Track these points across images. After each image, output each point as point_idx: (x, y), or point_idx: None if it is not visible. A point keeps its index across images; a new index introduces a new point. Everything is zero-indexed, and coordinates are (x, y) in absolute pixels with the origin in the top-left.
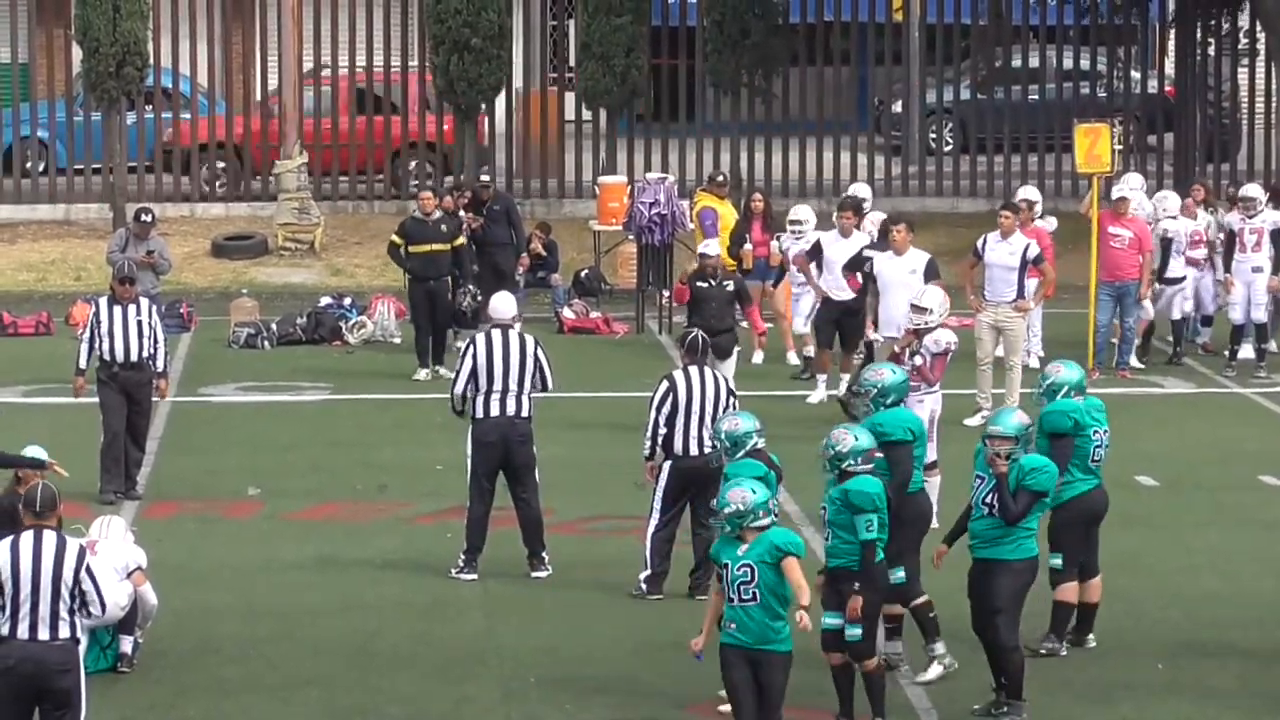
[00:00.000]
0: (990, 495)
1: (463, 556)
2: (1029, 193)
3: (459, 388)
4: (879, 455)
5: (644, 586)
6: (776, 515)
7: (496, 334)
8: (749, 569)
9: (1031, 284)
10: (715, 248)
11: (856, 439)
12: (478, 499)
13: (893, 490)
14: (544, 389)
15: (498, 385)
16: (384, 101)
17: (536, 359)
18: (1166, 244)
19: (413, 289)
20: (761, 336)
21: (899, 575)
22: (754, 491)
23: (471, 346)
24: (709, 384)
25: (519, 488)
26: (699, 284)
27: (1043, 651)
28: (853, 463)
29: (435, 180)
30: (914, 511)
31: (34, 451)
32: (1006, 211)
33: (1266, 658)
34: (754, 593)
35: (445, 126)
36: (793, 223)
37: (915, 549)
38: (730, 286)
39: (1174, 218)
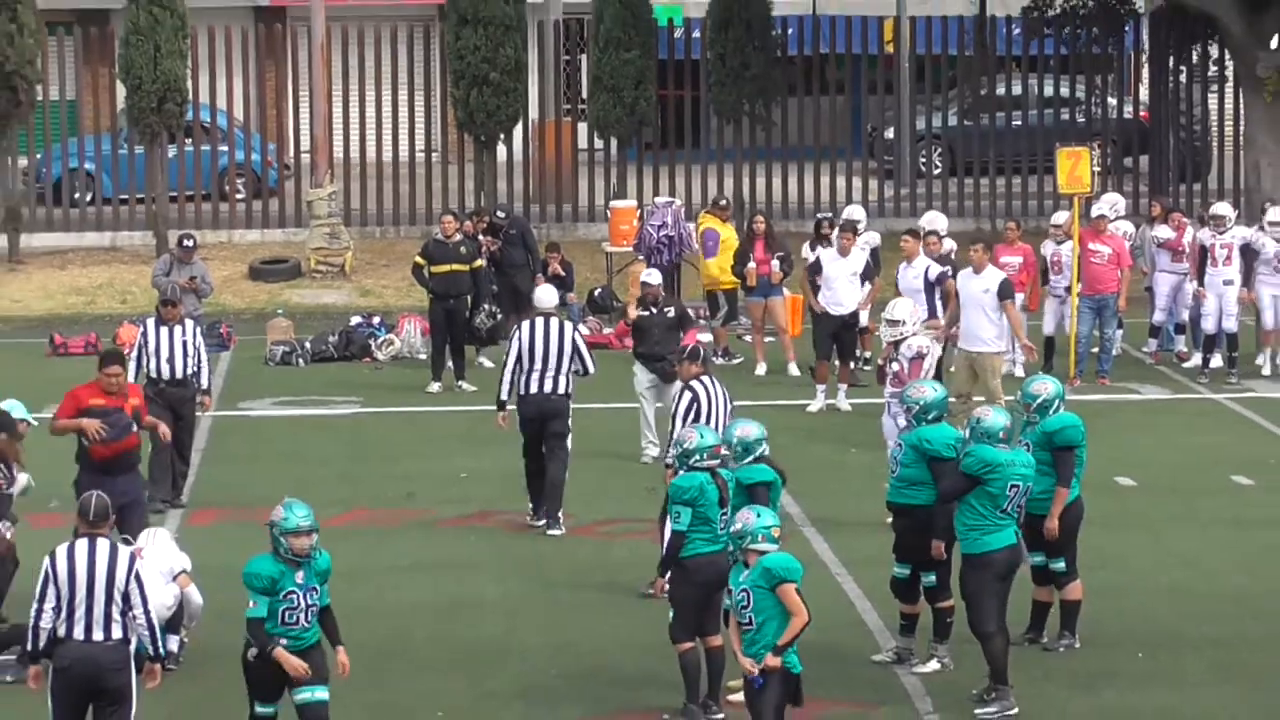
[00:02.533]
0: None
1: (530, 507)
2: (934, 220)
3: (508, 374)
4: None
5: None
6: (779, 540)
7: (540, 321)
8: (746, 594)
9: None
10: (656, 276)
11: (935, 390)
12: (531, 461)
13: (938, 503)
14: (585, 373)
15: (538, 366)
16: None
17: (574, 344)
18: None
19: (433, 307)
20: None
21: (929, 580)
22: (758, 515)
23: (517, 332)
24: (719, 393)
25: (549, 453)
26: (641, 313)
27: (1060, 649)
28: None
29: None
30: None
31: (11, 406)
32: (907, 236)
33: (1237, 646)
34: (750, 617)
35: None
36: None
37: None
38: (671, 313)
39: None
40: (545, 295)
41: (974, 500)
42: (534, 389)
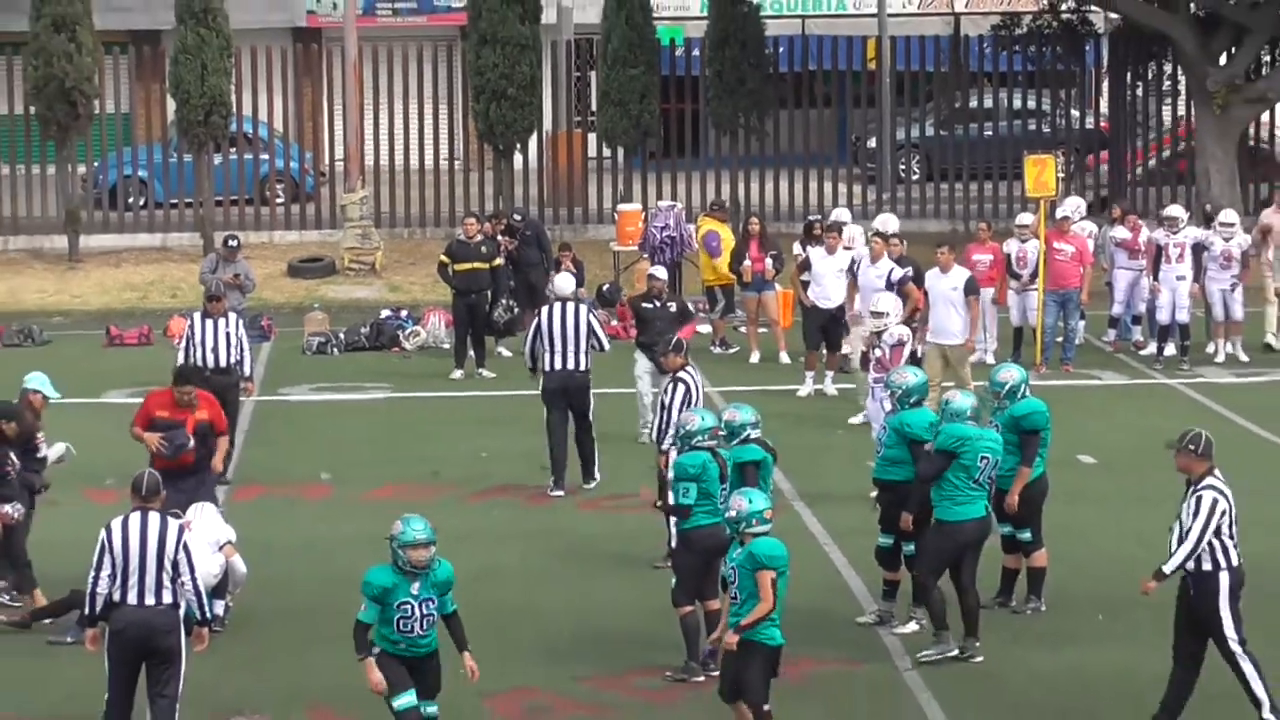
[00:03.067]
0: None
1: (552, 477)
2: (886, 223)
3: (528, 347)
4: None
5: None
6: (770, 523)
7: (559, 306)
8: (734, 571)
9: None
10: (663, 272)
11: (916, 376)
12: (553, 431)
13: (917, 482)
14: (601, 349)
15: (559, 346)
16: None
17: (590, 325)
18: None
19: (456, 302)
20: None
21: (910, 549)
22: (750, 501)
23: (538, 316)
24: (700, 382)
25: (577, 427)
26: (644, 305)
27: (1028, 611)
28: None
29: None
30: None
31: (35, 378)
32: (876, 238)
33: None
34: (735, 593)
35: None
36: (1019, 226)
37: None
38: (674, 307)
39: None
40: (564, 283)
41: (950, 473)
42: (558, 366)
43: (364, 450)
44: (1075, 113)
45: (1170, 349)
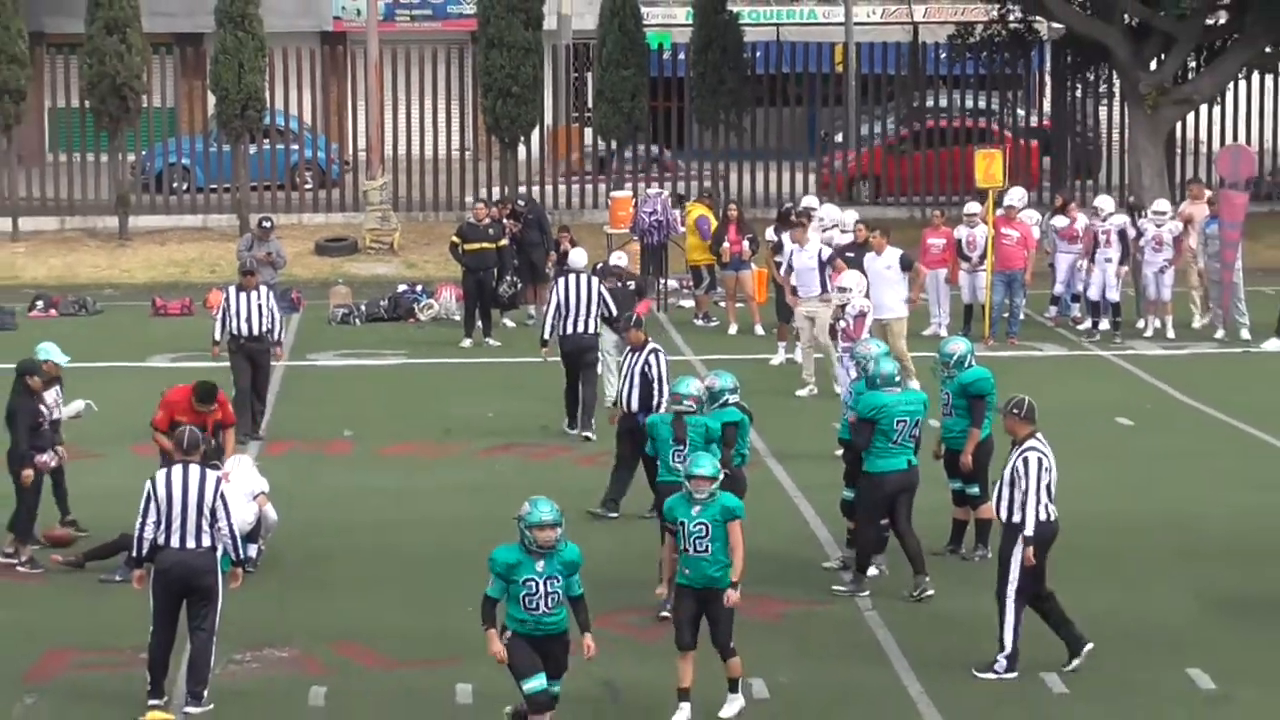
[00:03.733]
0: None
1: (566, 420)
2: (810, 202)
3: (549, 318)
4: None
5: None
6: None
7: (573, 277)
8: (704, 526)
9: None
10: (623, 259)
11: (879, 348)
12: (569, 389)
13: (849, 450)
14: (610, 314)
15: (573, 312)
16: None
17: (600, 295)
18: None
19: (465, 278)
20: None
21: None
22: (720, 378)
23: (554, 286)
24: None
25: (584, 380)
26: (611, 285)
27: (976, 559)
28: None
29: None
30: None
31: (47, 348)
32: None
33: (1118, 555)
34: (707, 545)
35: None
36: (968, 215)
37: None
38: (632, 286)
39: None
40: (578, 257)
41: (874, 434)
42: (570, 330)
43: (382, 410)
44: (1021, 112)
45: (1105, 324)
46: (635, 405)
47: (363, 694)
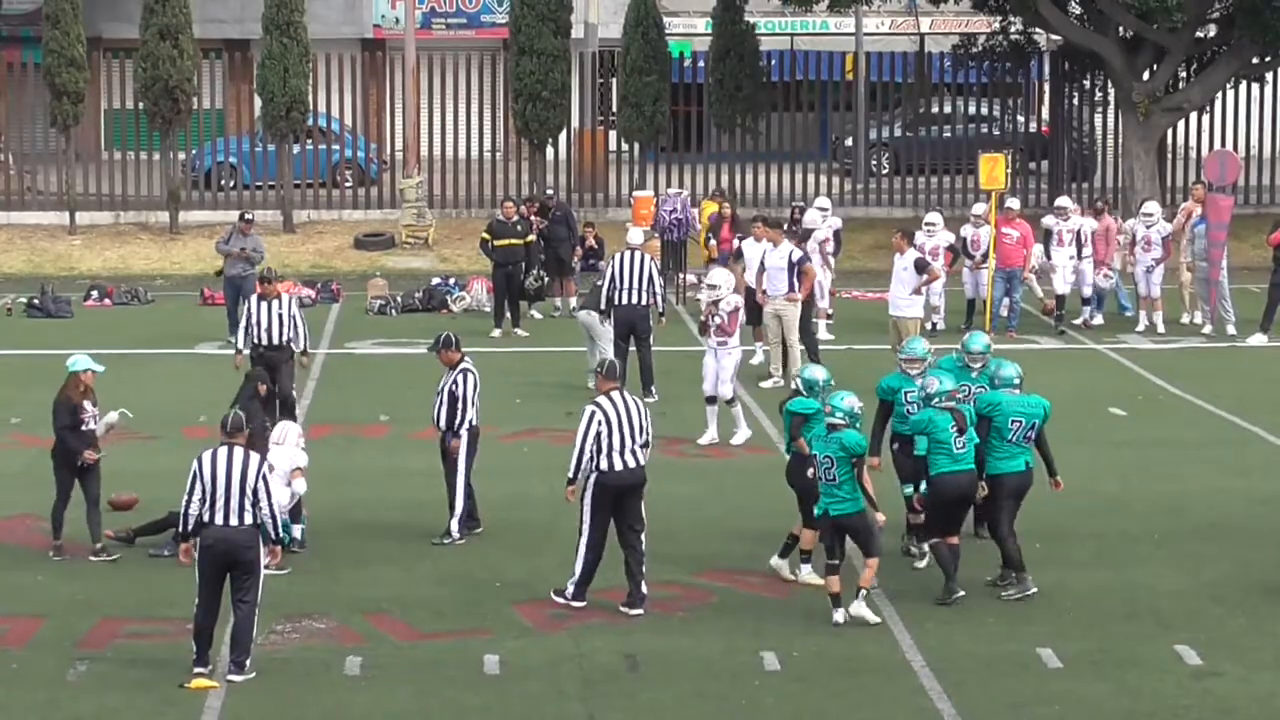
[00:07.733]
0: None
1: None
2: (823, 203)
3: (604, 292)
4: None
5: None
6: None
7: (628, 254)
8: (829, 459)
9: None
10: (640, 236)
11: (942, 383)
12: (619, 357)
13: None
14: (656, 291)
15: (627, 285)
16: None
17: (650, 271)
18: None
19: (495, 272)
20: None
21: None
22: (940, 381)
23: (611, 262)
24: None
25: (639, 346)
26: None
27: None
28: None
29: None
30: None
31: (80, 359)
32: (764, 225)
33: (1111, 538)
34: (834, 475)
35: None
36: (927, 224)
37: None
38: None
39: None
40: (634, 235)
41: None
42: (624, 300)
43: (416, 396)
44: (1020, 118)
45: (1091, 317)
46: (443, 424)
47: (396, 663)
